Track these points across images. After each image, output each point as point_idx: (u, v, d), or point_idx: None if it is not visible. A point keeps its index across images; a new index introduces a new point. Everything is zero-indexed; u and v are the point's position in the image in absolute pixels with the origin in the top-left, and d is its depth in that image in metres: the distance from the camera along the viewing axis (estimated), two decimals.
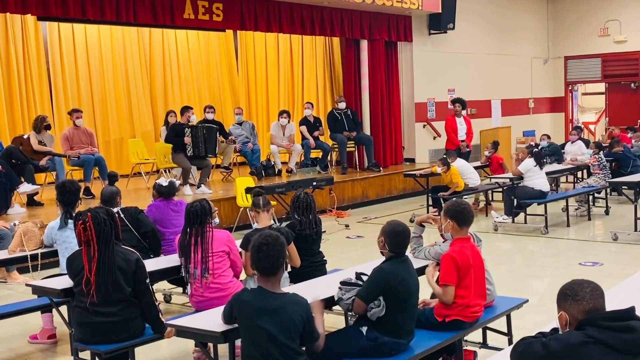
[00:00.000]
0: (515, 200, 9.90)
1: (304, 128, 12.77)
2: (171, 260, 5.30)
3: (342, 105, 13.02)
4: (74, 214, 5.06)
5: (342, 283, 4.11)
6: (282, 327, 3.38)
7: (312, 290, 4.05)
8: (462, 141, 12.53)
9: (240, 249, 5.06)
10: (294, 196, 5.62)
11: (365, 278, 4.08)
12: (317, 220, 5.58)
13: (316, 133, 12.69)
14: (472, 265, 4.28)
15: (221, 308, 3.79)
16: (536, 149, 10.26)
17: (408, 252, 4.83)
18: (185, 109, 11.08)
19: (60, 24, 12.28)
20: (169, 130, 11.03)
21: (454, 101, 12.91)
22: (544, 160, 10.59)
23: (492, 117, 16.67)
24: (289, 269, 5.34)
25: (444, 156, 10.64)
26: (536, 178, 9.72)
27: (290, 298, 3.49)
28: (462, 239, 4.38)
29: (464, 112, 12.94)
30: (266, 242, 3.46)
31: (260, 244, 3.47)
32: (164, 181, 6.50)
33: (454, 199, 6.05)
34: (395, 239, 4.00)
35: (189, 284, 4.97)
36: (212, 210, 5.01)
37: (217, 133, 11.34)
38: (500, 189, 10.91)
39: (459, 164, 10.52)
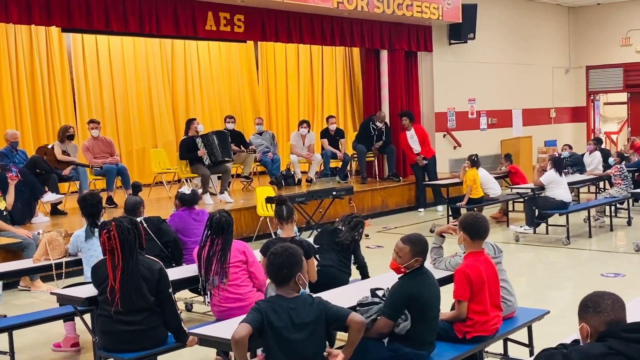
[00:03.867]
0: (536, 210, 9.84)
1: (325, 141, 12.81)
2: (192, 269, 5.34)
3: (380, 124, 12.92)
4: (99, 223, 5.13)
5: (360, 305, 4.06)
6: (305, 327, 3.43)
7: (333, 300, 4.07)
8: (418, 154, 12.48)
9: (261, 256, 5.12)
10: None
11: (380, 293, 4.06)
12: None
13: (339, 155, 12.66)
14: (486, 281, 4.20)
15: (243, 317, 3.80)
16: (557, 156, 10.21)
17: (428, 263, 4.86)
18: (190, 122, 11.08)
19: (84, 35, 12.45)
20: (180, 147, 11.02)
21: (400, 115, 12.86)
22: (566, 169, 10.51)
23: (513, 126, 16.59)
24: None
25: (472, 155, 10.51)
26: (558, 188, 9.64)
27: (303, 299, 3.54)
28: (476, 253, 4.29)
29: (416, 123, 12.84)
30: (274, 252, 3.54)
31: (270, 252, 3.56)
32: (186, 190, 6.58)
33: (472, 211, 6.01)
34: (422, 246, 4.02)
35: (207, 294, 5.02)
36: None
37: (229, 137, 11.40)
38: (522, 199, 10.85)
39: (480, 173, 10.46)
